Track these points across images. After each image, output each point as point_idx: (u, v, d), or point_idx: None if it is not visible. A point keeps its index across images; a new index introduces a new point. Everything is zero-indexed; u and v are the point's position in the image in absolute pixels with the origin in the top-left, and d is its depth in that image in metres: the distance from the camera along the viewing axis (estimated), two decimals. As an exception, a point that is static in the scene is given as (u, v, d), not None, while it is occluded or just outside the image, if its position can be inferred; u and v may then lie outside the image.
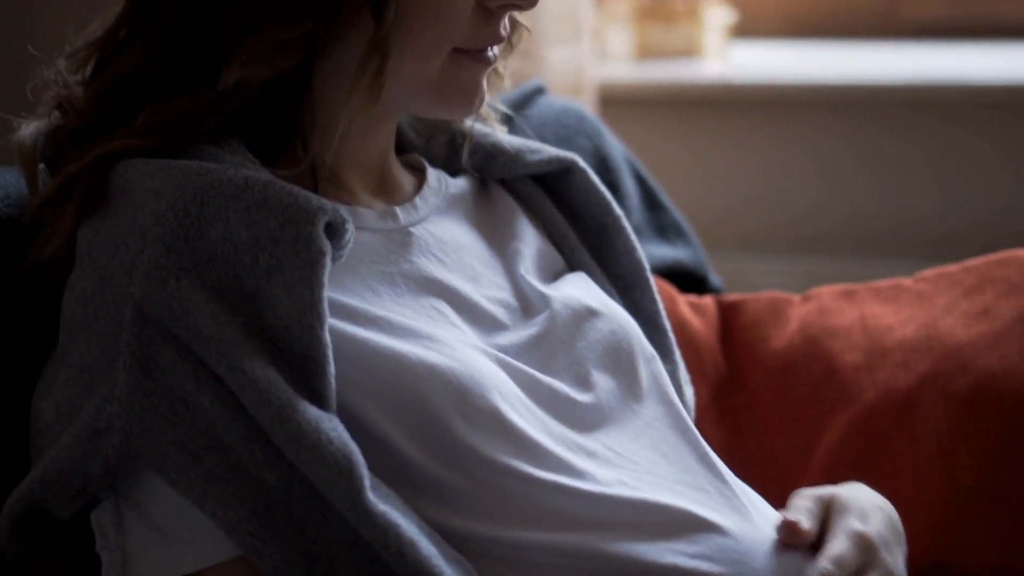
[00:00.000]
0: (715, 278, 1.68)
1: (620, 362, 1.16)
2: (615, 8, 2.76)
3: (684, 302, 1.55)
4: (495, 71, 1.22)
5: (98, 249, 1.03)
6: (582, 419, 1.11)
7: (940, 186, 2.52)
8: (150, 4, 1.10)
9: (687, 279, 1.62)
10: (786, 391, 1.46)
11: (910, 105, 2.53)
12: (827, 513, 1.11)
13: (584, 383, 1.13)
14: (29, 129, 1.12)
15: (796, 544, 1.08)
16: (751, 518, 1.09)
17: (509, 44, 1.21)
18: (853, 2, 2.81)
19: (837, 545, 1.07)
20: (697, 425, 1.19)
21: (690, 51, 2.72)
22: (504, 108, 1.31)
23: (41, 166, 1.11)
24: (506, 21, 1.13)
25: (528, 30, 1.23)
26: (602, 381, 1.14)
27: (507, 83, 1.27)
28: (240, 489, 0.97)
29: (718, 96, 2.61)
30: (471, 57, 1.11)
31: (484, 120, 1.27)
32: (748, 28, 2.83)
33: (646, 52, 2.74)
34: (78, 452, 0.98)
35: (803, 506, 1.11)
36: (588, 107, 2.32)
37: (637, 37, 2.74)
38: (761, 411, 1.47)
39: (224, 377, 0.97)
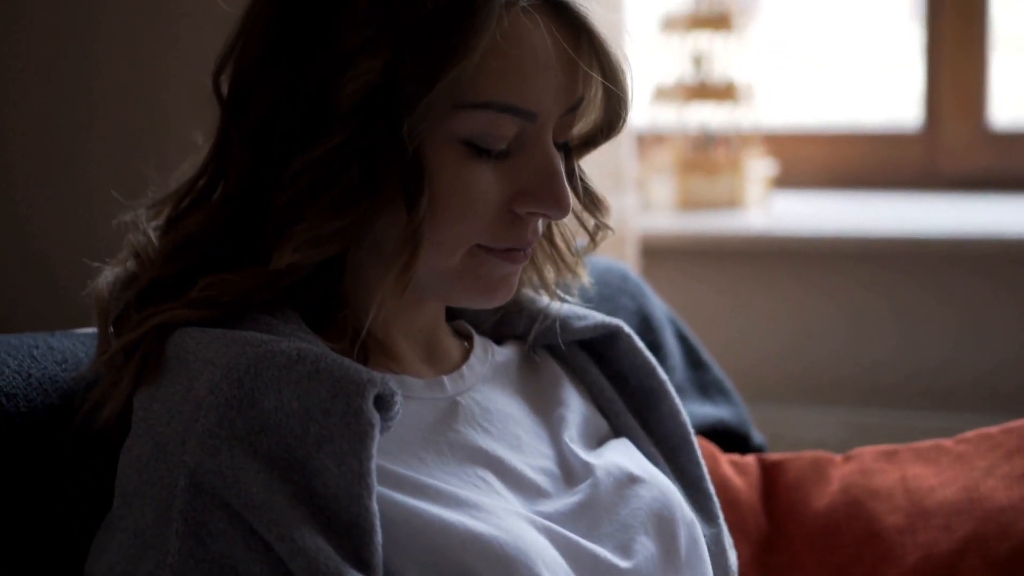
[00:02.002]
0: (757, 436, 1.69)
1: (662, 529, 1.18)
2: (657, 160, 2.80)
3: (726, 461, 1.56)
4: (569, 269, 1.26)
5: (153, 416, 1.06)
6: None
7: (981, 339, 2.52)
8: (219, 166, 1.15)
9: (729, 437, 1.64)
10: (828, 551, 1.46)
11: (952, 258, 2.53)
12: None
13: (626, 550, 1.14)
14: (108, 278, 1.16)
15: None
16: None
17: (593, 243, 1.25)
18: (893, 154, 2.84)
19: None
20: (740, 584, 1.20)
21: (732, 202, 2.75)
22: (576, 300, 1.33)
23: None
24: (538, 225, 1.15)
25: (612, 230, 1.26)
26: (643, 548, 1.15)
27: (586, 280, 1.31)
28: (288, 654, 0.99)
29: (759, 247, 2.62)
30: (496, 255, 1.14)
31: (535, 288, 1.30)
32: (789, 179, 2.86)
33: (688, 203, 2.77)
34: (130, 618, 1.01)
35: None
36: (631, 258, 2.36)
37: (679, 188, 2.77)
38: (803, 571, 1.47)
39: (274, 544, 0.99)
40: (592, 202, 1.25)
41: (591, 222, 1.26)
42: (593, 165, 2.19)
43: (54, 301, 1.75)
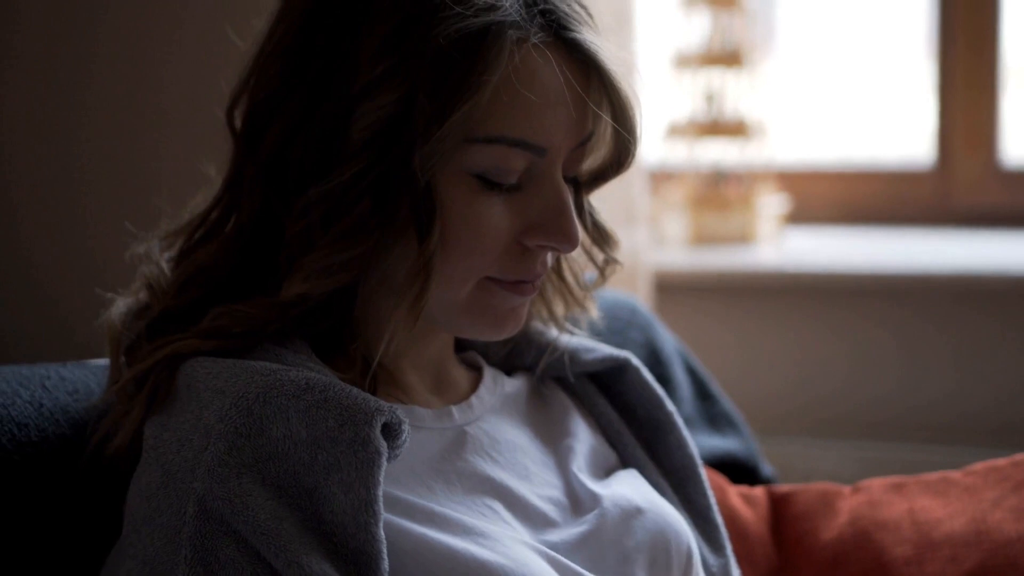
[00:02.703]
0: (766, 468, 1.70)
1: (666, 561, 1.19)
2: (670, 195, 2.81)
3: (735, 493, 1.56)
4: (578, 303, 1.27)
5: (164, 444, 1.07)
6: None
7: (988, 374, 2.52)
8: (232, 198, 1.17)
9: (738, 469, 1.65)
10: (837, 583, 1.47)
11: (960, 294, 2.54)
12: None
13: None
14: (120, 309, 1.18)
15: None
16: None
17: (603, 278, 1.26)
18: (906, 189, 2.85)
19: None
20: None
21: (744, 238, 2.76)
22: (585, 333, 1.34)
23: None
24: (547, 257, 1.16)
25: (621, 264, 1.27)
26: None
27: (595, 313, 1.32)
28: None
29: (771, 283, 2.63)
30: (505, 287, 1.15)
31: (545, 321, 1.31)
32: (802, 215, 2.87)
33: (701, 238, 2.78)
34: (139, 644, 1.01)
35: None
36: (643, 293, 2.37)
37: (692, 224, 2.78)
38: (812, 603, 1.48)
39: (281, 571, 1.00)
40: (601, 236, 1.26)
41: (600, 256, 1.27)
42: (605, 201, 2.20)
43: (60, 332, 1.77)
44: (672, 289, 2.61)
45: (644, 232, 2.46)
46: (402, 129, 1.08)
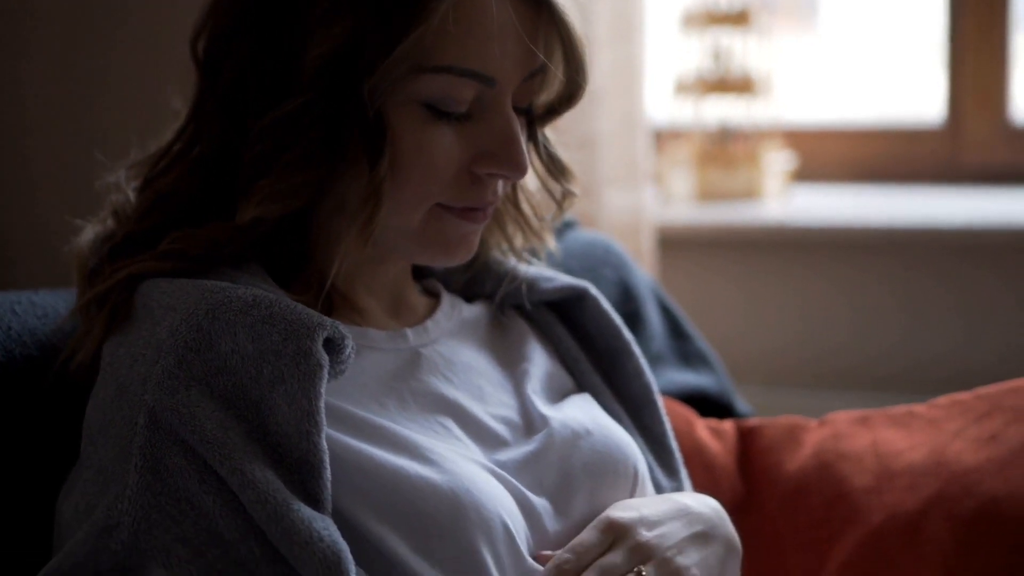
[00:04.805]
0: (743, 406, 1.72)
1: (613, 481, 1.22)
2: (677, 152, 2.82)
3: (703, 426, 1.59)
4: (535, 234, 1.30)
5: (118, 360, 1.11)
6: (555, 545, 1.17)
7: (992, 329, 2.53)
8: (195, 128, 1.20)
9: (710, 405, 1.67)
10: (798, 513, 1.49)
11: (963, 249, 2.54)
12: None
13: (567, 504, 1.19)
14: (88, 235, 1.22)
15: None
16: None
17: (560, 210, 1.29)
18: (915, 147, 2.85)
19: (579, 536, 1.15)
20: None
21: (750, 194, 2.77)
22: (542, 262, 1.38)
23: None
24: (497, 186, 1.19)
25: (577, 195, 1.29)
26: (582, 503, 1.20)
27: (553, 245, 1.35)
28: (238, 583, 1.04)
29: (776, 238, 2.64)
30: (456, 214, 1.18)
31: (504, 253, 1.34)
32: (809, 172, 2.88)
33: (707, 195, 2.79)
34: (90, 546, 1.05)
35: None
36: (648, 249, 2.39)
37: (698, 181, 2.79)
38: (775, 531, 1.50)
39: (226, 478, 1.04)
40: (557, 168, 1.28)
41: (558, 189, 1.30)
42: (609, 157, 2.22)
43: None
44: (677, 245, 2.62)
45: (648, 189, 2.47)
46: (352, 59, 1.11)
